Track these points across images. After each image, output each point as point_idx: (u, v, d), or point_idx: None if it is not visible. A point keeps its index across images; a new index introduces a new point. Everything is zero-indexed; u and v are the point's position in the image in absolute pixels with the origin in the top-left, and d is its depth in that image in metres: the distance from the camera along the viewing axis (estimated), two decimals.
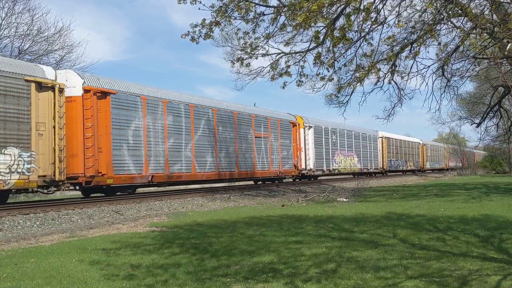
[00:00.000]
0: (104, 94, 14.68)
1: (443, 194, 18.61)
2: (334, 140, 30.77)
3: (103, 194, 16.46)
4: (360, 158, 34.96)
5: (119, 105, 15.28)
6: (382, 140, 39.70)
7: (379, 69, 8.93)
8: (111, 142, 14.80)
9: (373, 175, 38.53)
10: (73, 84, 14.12)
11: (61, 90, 13.57)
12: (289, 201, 16.42)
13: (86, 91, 14.20)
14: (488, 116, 24.84)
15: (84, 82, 14.29)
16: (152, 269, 6.05)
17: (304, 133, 27.24)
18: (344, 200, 16.88)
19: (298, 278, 5.46)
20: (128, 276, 5.70)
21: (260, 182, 25.15)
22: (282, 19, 7.25)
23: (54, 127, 13.17)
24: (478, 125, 26.18)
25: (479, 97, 34.35)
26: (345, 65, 8.45)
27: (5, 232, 9.87)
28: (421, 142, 51.87)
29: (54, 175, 13.06)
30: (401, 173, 45.53)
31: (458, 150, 61.13)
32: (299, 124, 26.81)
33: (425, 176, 44.33)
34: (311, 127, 27.88)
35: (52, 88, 13.28)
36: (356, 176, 36.00)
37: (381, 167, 39.45)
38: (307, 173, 27.29)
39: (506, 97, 26.08)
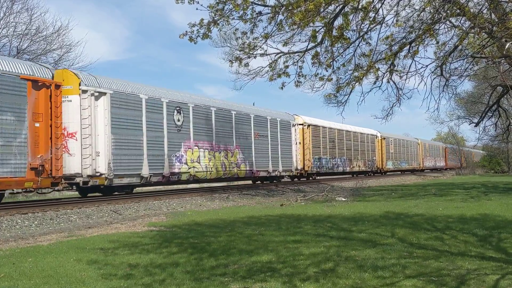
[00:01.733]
0: None
1: (442, 193, 18.62)
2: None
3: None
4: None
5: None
6: (303, 129, 27.24)
7: (378, 69, 8.92)
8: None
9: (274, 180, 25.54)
10: None
11: None
12: (288, 201, 16.42)
13: None
14: (487, 115, 24.89)
15: None
16: (150, 268, 6.05)
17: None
18: (343, 199, 16.89)
19: (297, 277, 5.45)
20: (126, 275, 5.70)
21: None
22: (280, 18, 7.25)
23: None
24: (477, 124, 26.23)
25: (478, 97, 34.40)
26: (343, 65, 8.45)
27: (3, 232, 9.85)
28: (378, 135, 38.46)
29: None
30: (337, 175, 32.88)
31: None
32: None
33: (424, 175, 44.31)
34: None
35: None
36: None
37: (296, 168, 26.14)
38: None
39: (505, 96, 26.10)
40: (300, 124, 27.02)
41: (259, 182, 25.11)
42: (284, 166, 24.83)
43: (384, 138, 39.53)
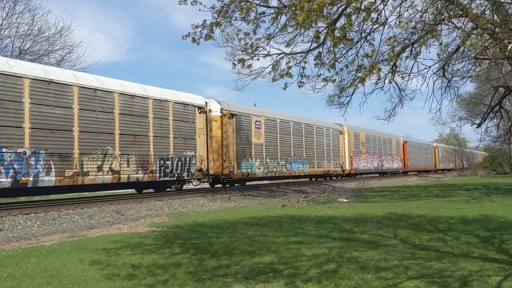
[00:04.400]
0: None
1: (444, 194, 18.60)
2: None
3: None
4: None
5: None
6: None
7: (380, 69, 8.92)
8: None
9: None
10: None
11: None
12: (290, 202, 16.42)
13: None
14: (489, 116, 24.81)
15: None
16: (153, 269, 6.05)
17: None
18: (345, 200, 16.88)
19: (299, 278, 5.45)
20: (129, 276, 5.70)
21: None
22: (283, 19, 7.25)
23: None
24: (479, 125, 26.15)
25: (480, 98, 34.32)
26: (346, 66, 8.44)
27: (6, 232, 9.87)
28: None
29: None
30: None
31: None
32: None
33: (425, 176, 44.28)
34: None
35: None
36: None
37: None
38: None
39: (507, 97, 26.06)
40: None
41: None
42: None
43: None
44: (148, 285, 5.30)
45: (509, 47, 9.23)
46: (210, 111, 19.96)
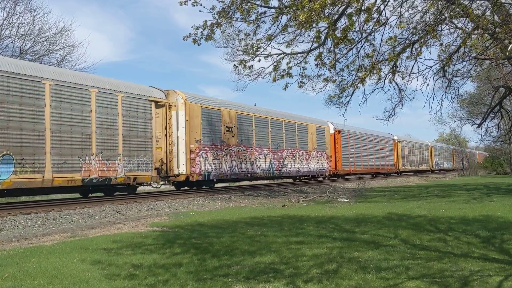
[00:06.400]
0: None
1: (444, 194, 18.60)
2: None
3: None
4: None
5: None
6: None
7: (380, 69, 8.93)
8: None
9: None
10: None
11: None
12: (290, 202, 16.42)
13: None
14: (489, 116, 24.79)
15: None
16: (154, 269, 6.06)
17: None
18: (345, 200, 16.88)
19: (299, 278, 5.46)
20: (130, 275, 5.71)
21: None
22: (283, 19, 7.26)
23: None
24: (479, 125, 26.14)
25: (480, 98, 34.34)
26: (347, 66, 8.46)
27: (7, 232, 9.87)
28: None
29: None
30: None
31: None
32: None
33: (426, 177, 44.24)
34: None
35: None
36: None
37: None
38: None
39: (507, 97, 26.05)
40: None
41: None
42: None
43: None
44: (149, 285, 5.30)
45: (509, 47, 9.23)
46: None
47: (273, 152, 23.60)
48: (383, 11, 7.34)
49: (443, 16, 8.21)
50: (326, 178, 30.18)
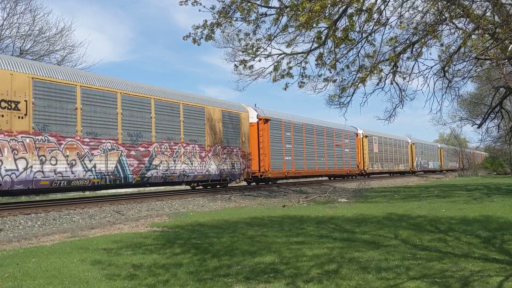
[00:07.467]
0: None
1: (444, 195, 18.59)
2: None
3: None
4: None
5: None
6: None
7: (381, 70, 8.93)
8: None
9: None
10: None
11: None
12: (290, 202, 16.42)
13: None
14: (489, 117, 24.78)
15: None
16: (154, 269, 6.05)
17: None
18: (345, 200, 16.87)
19: (300, 278, 5.45)
20: (130, 276, 5.70)
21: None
22: (284, 19, 7.26)
23: None
24: (479, 126, 26.14)
25: (481, 98, 34.34)
26: (347, 66, 8.46)
27: (7, 232, 9.87)
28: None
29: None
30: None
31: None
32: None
33: (426, 177, 44.24)
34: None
35: None
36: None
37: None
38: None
39: (508, 98, 26.05)
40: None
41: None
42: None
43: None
44: (149, 285, 5.30)
45: (510, 48, 9.23)
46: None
47: (126, 147, 15.29)
48: (384, 11, 7.34)
49: (443, 17, 8.22)
50: (239, 182, 22.39)
